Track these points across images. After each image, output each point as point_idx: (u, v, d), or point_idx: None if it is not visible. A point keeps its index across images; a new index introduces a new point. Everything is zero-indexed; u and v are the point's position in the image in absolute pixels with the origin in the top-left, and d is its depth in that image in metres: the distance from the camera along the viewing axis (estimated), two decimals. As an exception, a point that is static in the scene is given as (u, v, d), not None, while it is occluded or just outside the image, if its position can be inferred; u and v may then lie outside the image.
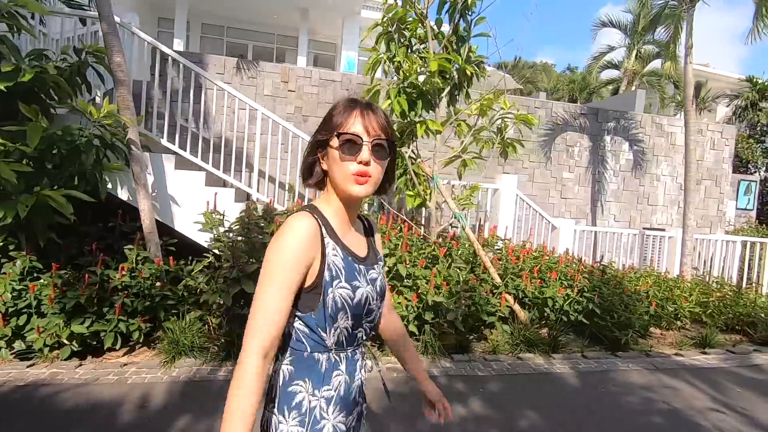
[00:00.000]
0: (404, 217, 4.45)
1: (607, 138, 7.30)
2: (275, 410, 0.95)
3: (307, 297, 0.94)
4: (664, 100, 15.00)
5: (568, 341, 4.45)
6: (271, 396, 0.98)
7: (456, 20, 3.88)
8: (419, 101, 3.78)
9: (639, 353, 4.29)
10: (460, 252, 4.60)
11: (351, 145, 0.92)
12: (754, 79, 13.72)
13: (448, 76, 4.02)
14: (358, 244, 1.04)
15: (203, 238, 4.47)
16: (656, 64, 13.76)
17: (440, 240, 4.45)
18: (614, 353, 4.24)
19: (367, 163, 0.92)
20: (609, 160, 7.32)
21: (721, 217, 7.98)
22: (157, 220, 4.61)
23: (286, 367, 0.96)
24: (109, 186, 4.39)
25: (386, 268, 3.93)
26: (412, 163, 4.12)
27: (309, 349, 0.96)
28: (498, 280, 4.36)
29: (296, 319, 0.96)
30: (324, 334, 0.95)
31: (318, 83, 6.06)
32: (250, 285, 3.71)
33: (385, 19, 3.78)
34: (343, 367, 0.99)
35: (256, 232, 4.09)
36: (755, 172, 12.53)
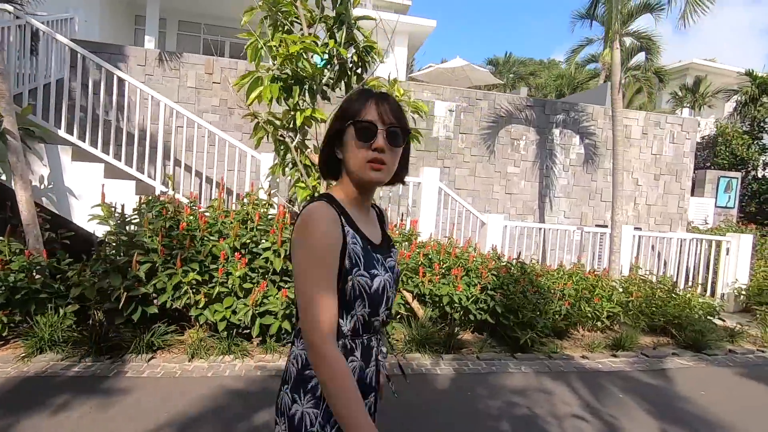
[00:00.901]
0: (297, 210, 4.28)
1: (556, 131, 6.99)
2: (289, 391, 0.98)
3: None
4: (652, 95, 14.42)
5: (474, 341, 4.25)
6: (285, 378, 1.01)
7: (338, 3, 3.70)
8: (296, 88, 3.60)
9: (543, 355, 4.06)
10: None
11: (366, 133, 0.94)
12: (754, 73, 13.14)
13: (334, 62, 3.85)
14: (373, 231, 1.07)
15: (102, 231, 4.38)
16: (641, 57, 13.26)
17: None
18: (514, 355, 4.01)
19: (382, 150, 0.94)
20: (558, 154, 7.01)
21: (681, 214, 7.60)
22: (54, 212, 4.56)
23: (301, 353, 0.98)
24: (3, 177, 4.35)
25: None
26: (300, 154, 3.95)
27: None
28: (395, 276, 4.16)
29: None
30: (340, 321, 0.97)
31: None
32: (117, 278, 3.60)
33: (260, 3, 3.62)
34: (358, 353, 1.01)
35: (135, 225, 3.98)
36: (752, 170, 12.00)
